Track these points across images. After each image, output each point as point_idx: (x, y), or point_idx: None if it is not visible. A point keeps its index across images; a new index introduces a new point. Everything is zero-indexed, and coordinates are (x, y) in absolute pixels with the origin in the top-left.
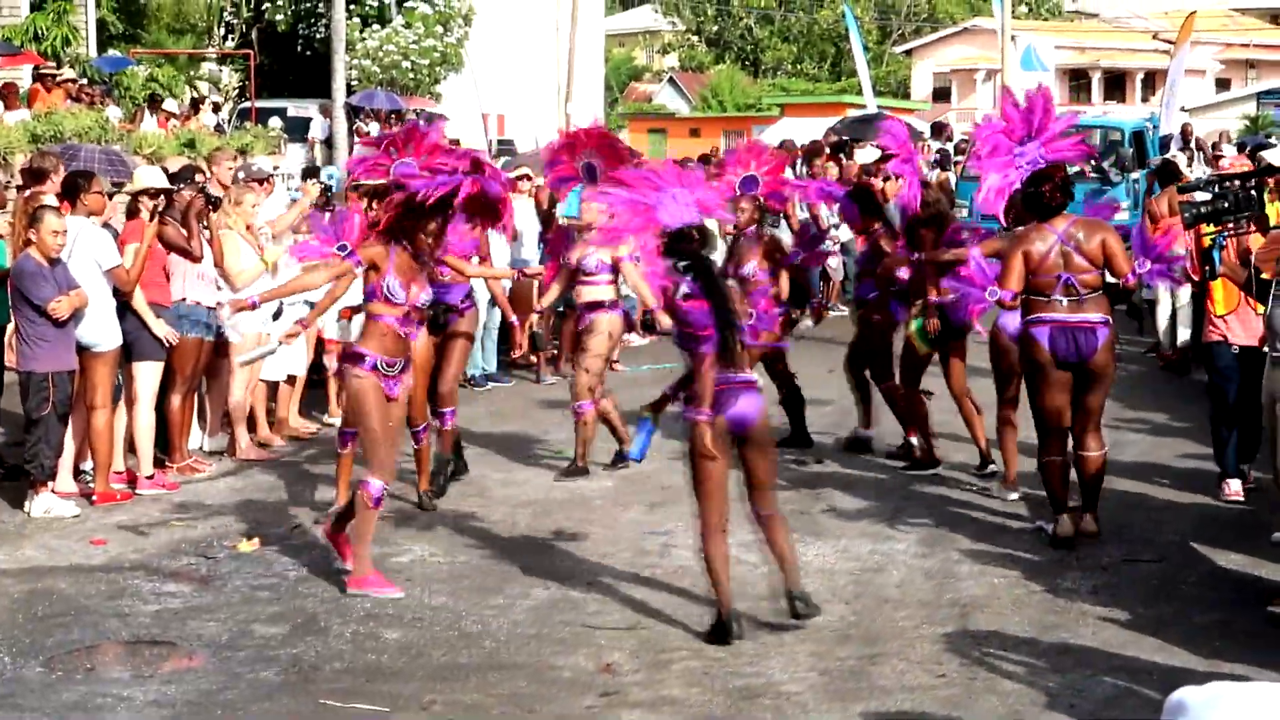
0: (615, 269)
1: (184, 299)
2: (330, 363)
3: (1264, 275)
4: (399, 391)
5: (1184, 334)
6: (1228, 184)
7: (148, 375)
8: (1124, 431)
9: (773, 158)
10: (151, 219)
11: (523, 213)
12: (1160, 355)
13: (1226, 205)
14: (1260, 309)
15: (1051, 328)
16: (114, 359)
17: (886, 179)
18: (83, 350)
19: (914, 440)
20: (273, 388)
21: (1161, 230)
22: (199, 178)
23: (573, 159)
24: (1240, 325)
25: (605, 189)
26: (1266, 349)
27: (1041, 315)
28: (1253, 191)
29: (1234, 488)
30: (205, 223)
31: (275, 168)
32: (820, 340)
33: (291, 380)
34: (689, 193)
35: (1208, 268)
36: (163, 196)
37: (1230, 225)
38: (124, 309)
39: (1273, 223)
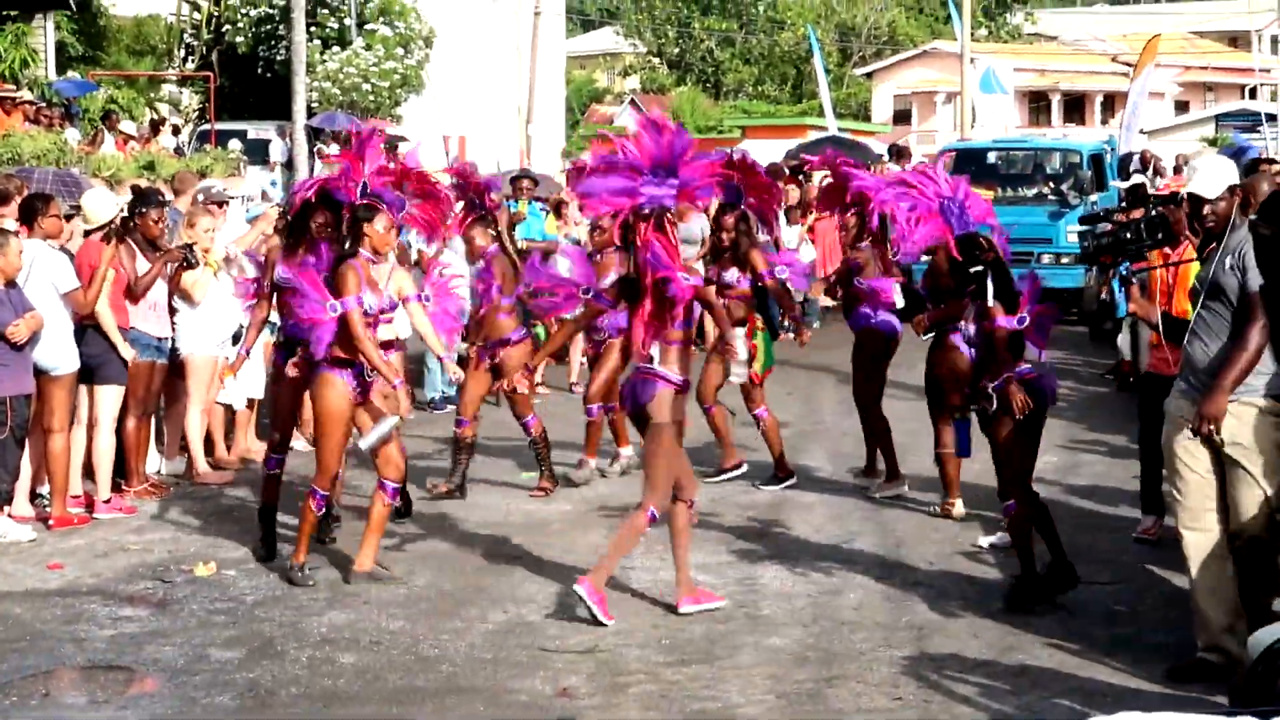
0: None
1: (133, 326)
2: None
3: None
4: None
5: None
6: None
7: (109, 399)
8: (1081, 454)
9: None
10: (107, 240)
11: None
12: (1122, 364)
13: (1128, 235)
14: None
15: None
16: (71, 382)
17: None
18: (40, 373)
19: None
20: (230, 411)
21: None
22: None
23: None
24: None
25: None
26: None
27: None
28: (1156, 220)
29: (1146, 524)
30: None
31: (224, 189)
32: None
33: (250, 404)
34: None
35: (1110, 302)
36: (121, 216)
37: (1132, 255)
38: (81, 331)
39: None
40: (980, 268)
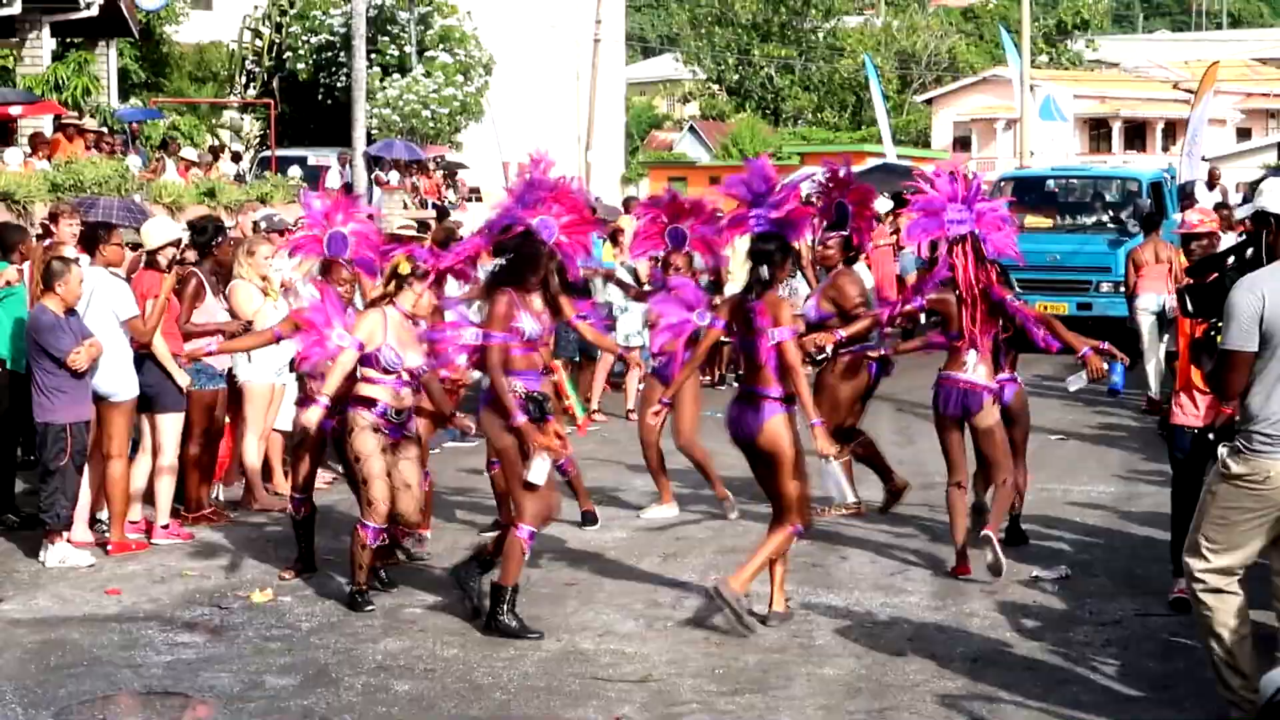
0: None
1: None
2: None
3: None
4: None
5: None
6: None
7: (170, 427)
8: (1138, 483)
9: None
10: (169, 269)
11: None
12: (1149, 401)
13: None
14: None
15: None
16: (131, 409)
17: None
18: (100, 400)
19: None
20: (290, 437)
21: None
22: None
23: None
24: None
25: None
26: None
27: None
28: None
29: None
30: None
31: (284, 218)
32: None
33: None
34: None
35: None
36: (181, 246)
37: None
38: (140, 360)
39: None
40: None
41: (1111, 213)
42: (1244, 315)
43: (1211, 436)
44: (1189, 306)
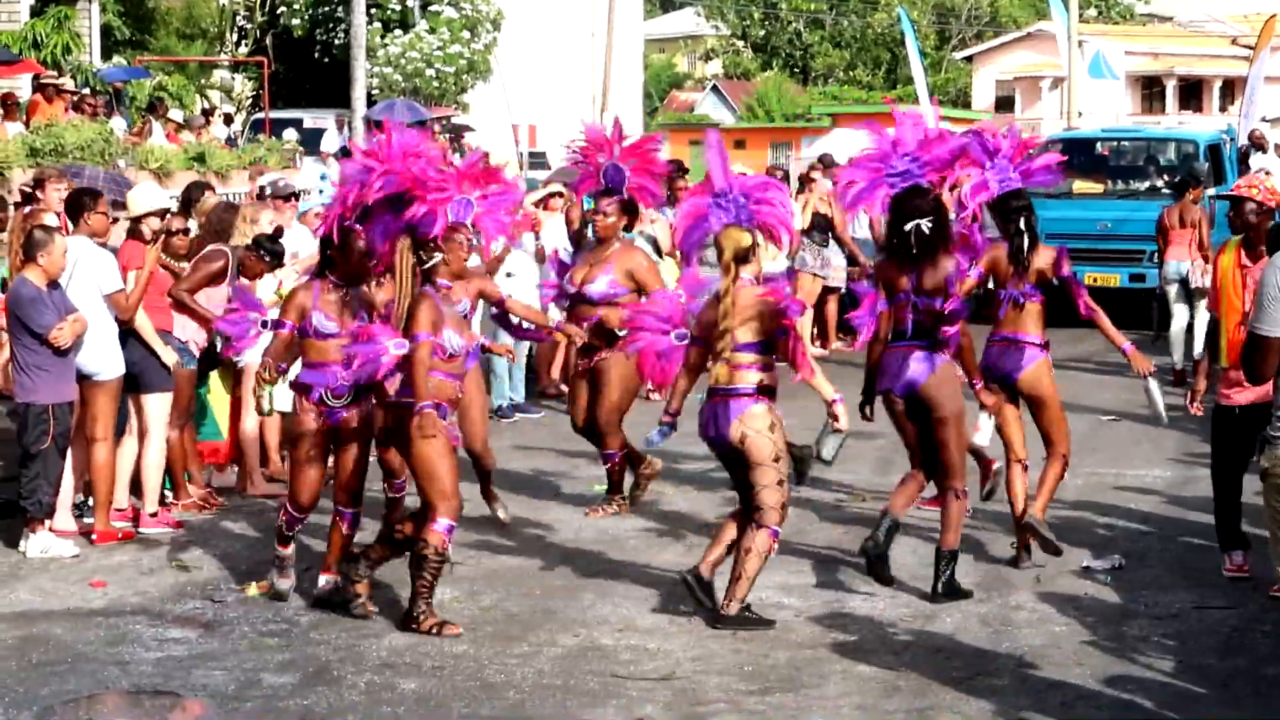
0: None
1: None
2: None
3: None
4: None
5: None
6: None
7: (158, 407)
8: (1195, 466)
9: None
10: (154, 241)
11: (555, 233)
12: (1175, 374)
13: None
14: None
15: None
16: (116, 388)
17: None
18: (83, 379)
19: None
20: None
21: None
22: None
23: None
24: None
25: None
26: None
27: None
28: None
29: (1237, 560)
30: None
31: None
32: None
33: None
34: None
35: None
36: (167, 218)
37: None
38: (124, 336)
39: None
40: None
41: (1166, 177)
42: (1272, 295)
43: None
44: None
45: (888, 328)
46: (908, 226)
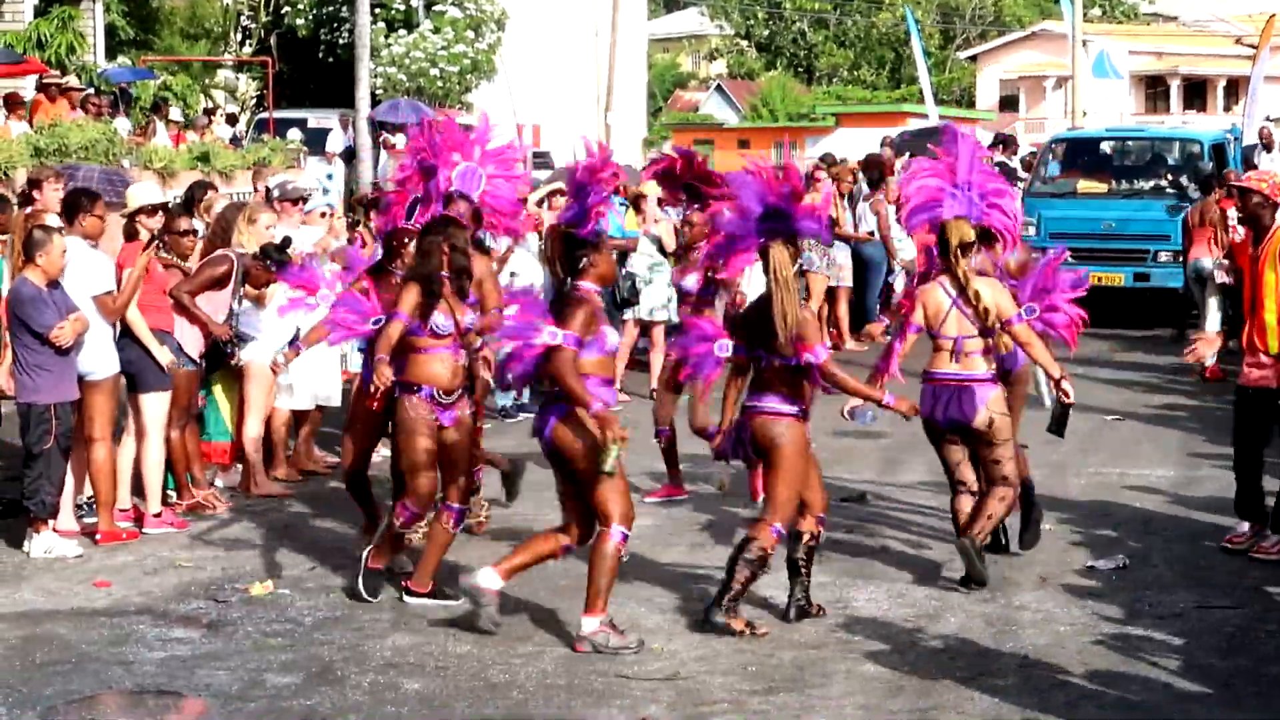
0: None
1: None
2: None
3: None
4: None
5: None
6: None
7: (155, 406)
8: (1199, 466)
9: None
10: (151, 243)
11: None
12: (1205, 371)
13: None
14: None
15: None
16: (113, 387)
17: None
18: (78, 379)
19: None
20: (298, 418)
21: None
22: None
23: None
24: None
25: None
26: None
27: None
28: None
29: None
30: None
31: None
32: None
33: (320, 409)
34: None
35: None
36: (173, 219)
37: None
38: (123, 336)
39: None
40: None
41: (1170, 177)
42: None
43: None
44: None
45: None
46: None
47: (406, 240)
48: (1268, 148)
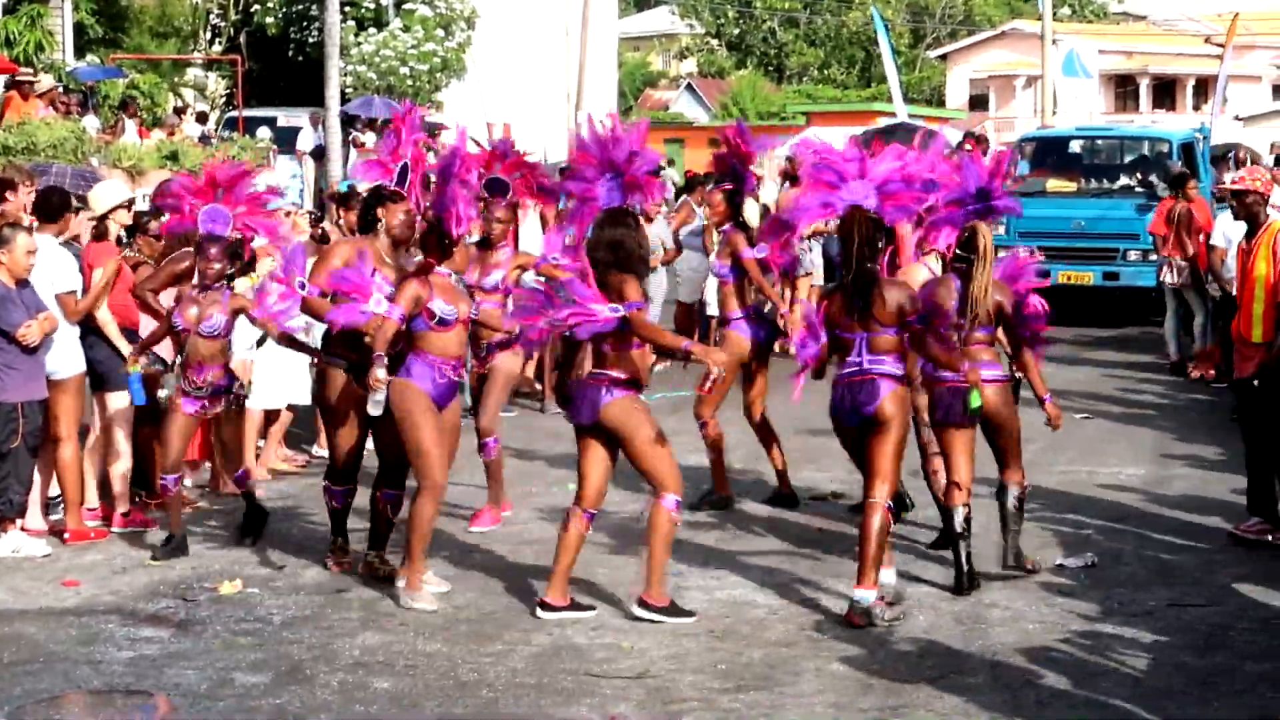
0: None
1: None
2: None
3: None
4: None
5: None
6: None
7: (121, 405)
8: (1171, 464)
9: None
10: (128, 242)
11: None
12: (1171, 364)
13: None
14: None
15: None
16: (78, 386)
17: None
18: None
19: None
20: (270, 417)
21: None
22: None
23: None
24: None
25: None
26: None
27: None
28: None
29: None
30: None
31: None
32: None
33: (291, 408)
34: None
35: None
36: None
37: None
38: (85, 334)
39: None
40: None
41: (1140, 176)
42: None
43: (1255, 383)
44: None
45: None
46: None
47: (390, 203)
48: (1239, 166)
